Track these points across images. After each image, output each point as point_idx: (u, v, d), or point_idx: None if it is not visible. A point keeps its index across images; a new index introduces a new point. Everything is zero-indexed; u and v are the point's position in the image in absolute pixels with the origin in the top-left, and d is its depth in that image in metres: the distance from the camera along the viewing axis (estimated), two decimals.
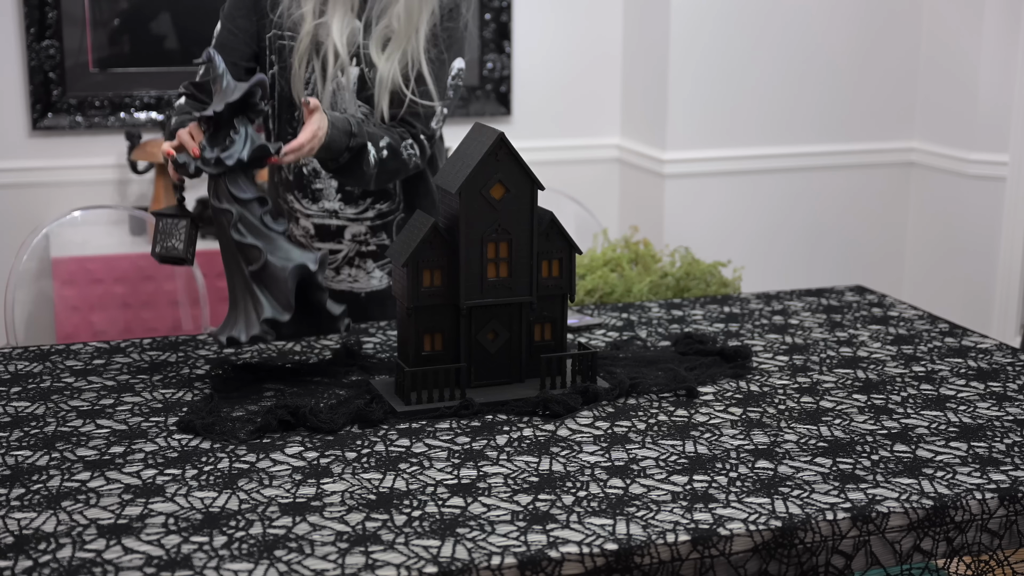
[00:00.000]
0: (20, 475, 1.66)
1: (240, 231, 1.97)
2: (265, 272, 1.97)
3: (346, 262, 2.47)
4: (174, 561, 1.43)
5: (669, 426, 1.85)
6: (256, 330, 1.95)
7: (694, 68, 4.09)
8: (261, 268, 1.96)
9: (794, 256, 4.34)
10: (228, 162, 1.97)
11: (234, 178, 1.98)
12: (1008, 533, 1.64)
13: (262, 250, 1.96)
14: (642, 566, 1.48)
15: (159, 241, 2.07)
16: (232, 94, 1.98)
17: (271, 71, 2.39)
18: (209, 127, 2.01)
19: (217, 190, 1.98)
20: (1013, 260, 4.06)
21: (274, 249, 1.99)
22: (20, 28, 3.87)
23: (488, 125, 1.95)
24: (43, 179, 3.97)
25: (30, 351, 2.20)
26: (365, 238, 2.47)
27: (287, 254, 1.99)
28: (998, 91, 4.03)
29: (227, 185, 1.98)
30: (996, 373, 2.13)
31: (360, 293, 2.50)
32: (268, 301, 1.96)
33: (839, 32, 4.21)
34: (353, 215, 2.46)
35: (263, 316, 1.95)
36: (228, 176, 1.98)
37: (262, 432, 1.81)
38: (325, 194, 2.45)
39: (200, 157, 1.98)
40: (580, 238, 3.86)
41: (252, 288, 1.97)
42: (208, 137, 2.01)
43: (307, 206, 2.47)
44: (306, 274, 1.99)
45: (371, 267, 2.48)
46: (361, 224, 2.46)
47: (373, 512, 1.56)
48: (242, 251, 1.98)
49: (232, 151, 1.97)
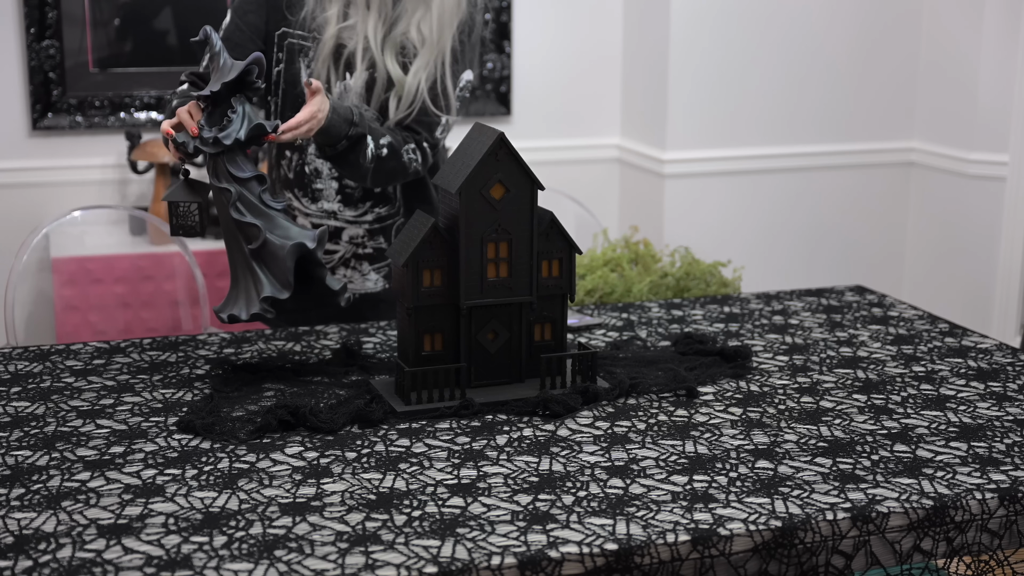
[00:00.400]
0: (20, 475, 1.66)
1: (239, 210, 1.98)
2: (264, 250, 1.98)
3: (342, 263, 2.47)
4: (174, 561, 1.43)
5: (669, 426, 1.86)
6: (256, 308, 1.97)
7: (694, 68, 4.09)
8: (260, 246, 1.98)
9: (794, 256, 4.34)
10: (226, 141, 1.97)
11: (232, 157, 1.99)
12: (1008, 533, 1.64)
13: (261, 228, 1.98)
14: (642, 566, 1.48)
15: (177, 224, 2.07)
16: (228, 73, 1.98)
17: (277, 68, 2.39)
18: (207, 106, 2.02)
19: (216, 169, 1.99)
20: (1013, 260, 4.06)
21: (273, 227, 2.00)
22: (20, 28, 3.87)
23: (488, 125, 1.95)
24: (43, 179, 3.97)
25: (30, 351, 2.20)
26: (362, 241, 2.47)
27: (286, 232, 2.01)
28: (998, 91, 4.03)
29: (226, 164, 1.99)
30: (996, 373, 2.13)
31: (354, 294, 2.51)
32: (268, 279, 1.98)
33: (839, 32, 4.22)
34: (352, 217, 2.45)
35: (263, 294, 1.97)
36: (226, 155, 1.99)
37: (262, 432, 1.81)
38: (325, 195, 2.45)
39: (198, 136, 1.99)
40: (580, 238, 3.86)
41: (252, 266, 1.99)
42: (206, 116, 2.01)
43: (306, 205, 2.47)
44: (305, 251, 2.00)
45: (367, 270, 2.48)
46: (359, 227, 2.46)
47: (373, 512, 1.56)
48: (241, 229, 1.99)
49: (230, 130, 1.98)
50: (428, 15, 2.34)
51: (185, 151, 2.02)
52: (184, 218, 2.06)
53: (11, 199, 3.95)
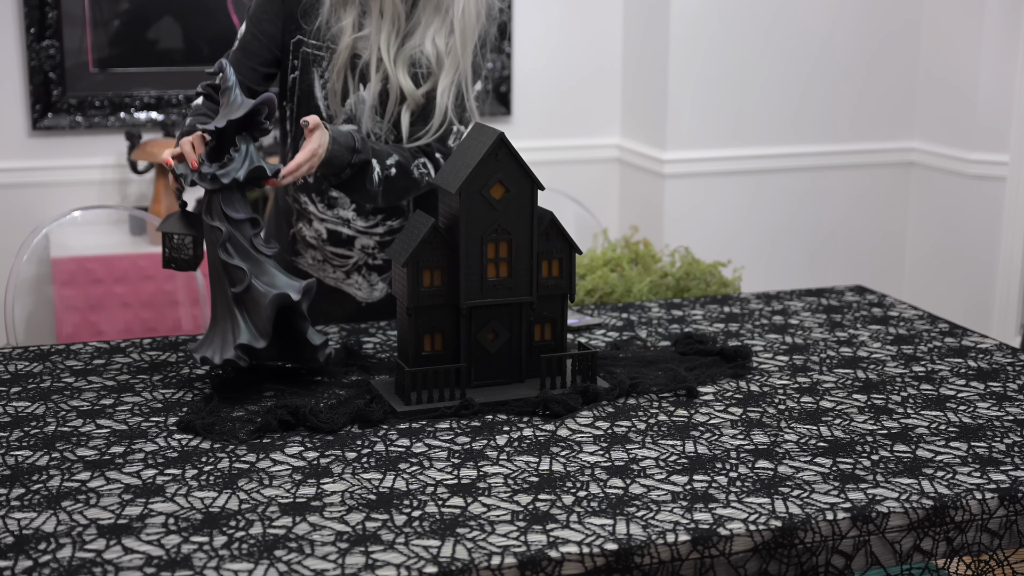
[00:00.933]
0: (20, 475, 1.66)
1: (228, 251, 1.94)
2: (248, 295, 1.94)
3: (355, 269, 2.47)
4: (174, 561, 1.43)
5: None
6: (230, 354, 1.92)
7: (694, 68, 4.09)
8: (244, 291, 1.93)
9: (794, 256, 4.34)
10: (224, 180, 1.94)
11: (228, 196, 1.95)
12: (1008, 533, 1.64)
13: (247, 272, 1.93)
14: (642, 566, 1.48)
15: (169, 256, 2.04)
16: (237, 111, 1.96)
17: (292, 75, 2.38)
18: (212, 140, 1.99)
19: (210, 206, 1.96)
20: (1013, 260, 4.06)
21: (260, 273, 1.96)
22: (20, 28, 3.87)
23: (488, 125, 1.95)
24: (43, 179, 3.97)
25: (30, 351, 2.20)
26: (373, 251, 2.46)
27: (272, 280, 1.97)
28: (998, 91, 4.03)
29: (220, 202, 1.95)
30: (996, 373, 2.13)
31: (362, 302, 2.50)
32: (246, 325, 1.93)
33: (840, 32, 4.21)
34: (363, 227, 2.45)
35: (238, 340, 1.92)
36: (223, 193, 1.95)
37: (262, 432, 1.81)
38: (340, 202, 2.44)
39: (198, 171, 1.96)
40: (580, 238, 3.86)
41: (233, 309, 1.94)
42: (209, 150, 1.99)
43: (322, 210, 2.46)
44: (287, 302, 1.96)
45: (375, 280, 2.48)
46: (370, 238, 2.45)
47: (373, 512, 1.56)
48: (227, 271, 1.94)
49: (229, 169, 1.94)
50: (444, 28, 2.31)
51: (183, 183, 1.99)
52: (177, 251, 2.02)
53: (11, 199, 3.95)
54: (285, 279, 1.98)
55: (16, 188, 3.95)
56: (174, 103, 4.02)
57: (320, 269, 2.47)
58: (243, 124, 1.98)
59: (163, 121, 3.99)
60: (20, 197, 3.95)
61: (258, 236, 1.98)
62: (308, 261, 2.48)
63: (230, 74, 2.00)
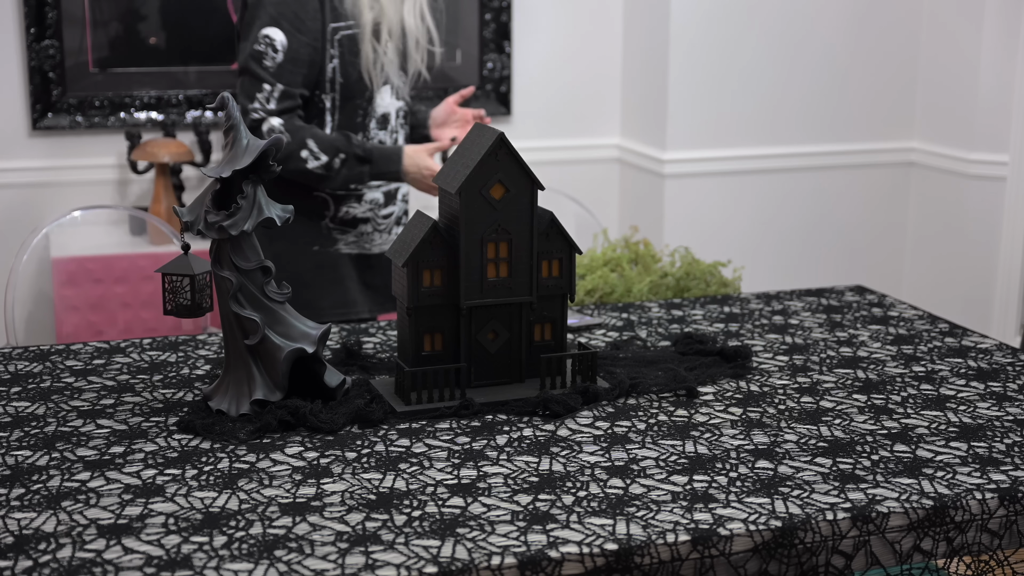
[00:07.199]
0: (20, 475, 1.66)
1: (239, 301, 1.87)
2: (262, 346, 1.88)
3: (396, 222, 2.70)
4: (174, 561, 1.43)
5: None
6: (246, 408, 1.87)
7: (694, 68, 4.09)
8: (258, 342, 1.87)
9: (794, 256, 4.34)
10: (231, 231, 1.84)
11: (237, 245, 1.86)
12: (1008, 533, 1.64)
13: (260, 323, 1.86)
14: (642, 566, 1.48)
15: (168, 300, 1.91)
16: (243, 157, 1.84)
17: (331, 64, 2.50)
18: (218, 184, 1.87)
19: (219, 255, 1.87)
20: (1013, 260, 4.06)
21: (274, 322, 1.89)
22: (20, 28, 3.87)
23: (488, 125, 1.95)
24: (43, 179, 3.97)
25: (30, 351, 2.20)
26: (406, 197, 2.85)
27: (287, 330, 1.89)
28: (998, 91, 4.03)
29: (229, 252, 1.86)
30: (996, 373, 2.13)
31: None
32: (261, 378, 1.88)
33: (840, 32, 4.22)
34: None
35: (254, 395, 1.87)
36: (231, 242, 1.86)
37: (262, 432, 1.81)
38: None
39: (204, 220, 1.85)
40: (580, 238, 3.86)
41: (247, 360, 1.88)
42: (214, 196, 1.87)
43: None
44: (302, 355, 1.90)
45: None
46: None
47: (373, 512, 1.56)
48: (239, 322, 1.87)
49: (236, 219, 1.84)
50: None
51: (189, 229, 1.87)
52: (176, 294, 1.89)
53: (11, 199, 3.95)
54: (300, 328, 1.90)
55: (16, 188, 3.95)
56: (174, 103, 4.02)
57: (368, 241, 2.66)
58: (249, 170, 1.87)
59: (163, 121, 3.99)
60: (20, 197, 3.95)
61: (270, 283, 1.89)
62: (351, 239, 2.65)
63: (233, 109, 1.87)
